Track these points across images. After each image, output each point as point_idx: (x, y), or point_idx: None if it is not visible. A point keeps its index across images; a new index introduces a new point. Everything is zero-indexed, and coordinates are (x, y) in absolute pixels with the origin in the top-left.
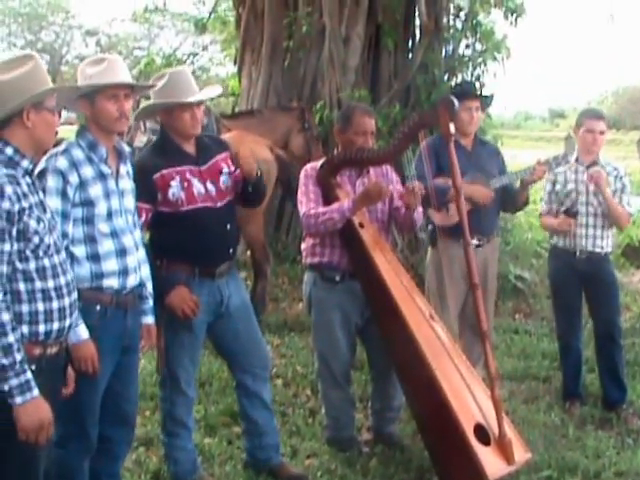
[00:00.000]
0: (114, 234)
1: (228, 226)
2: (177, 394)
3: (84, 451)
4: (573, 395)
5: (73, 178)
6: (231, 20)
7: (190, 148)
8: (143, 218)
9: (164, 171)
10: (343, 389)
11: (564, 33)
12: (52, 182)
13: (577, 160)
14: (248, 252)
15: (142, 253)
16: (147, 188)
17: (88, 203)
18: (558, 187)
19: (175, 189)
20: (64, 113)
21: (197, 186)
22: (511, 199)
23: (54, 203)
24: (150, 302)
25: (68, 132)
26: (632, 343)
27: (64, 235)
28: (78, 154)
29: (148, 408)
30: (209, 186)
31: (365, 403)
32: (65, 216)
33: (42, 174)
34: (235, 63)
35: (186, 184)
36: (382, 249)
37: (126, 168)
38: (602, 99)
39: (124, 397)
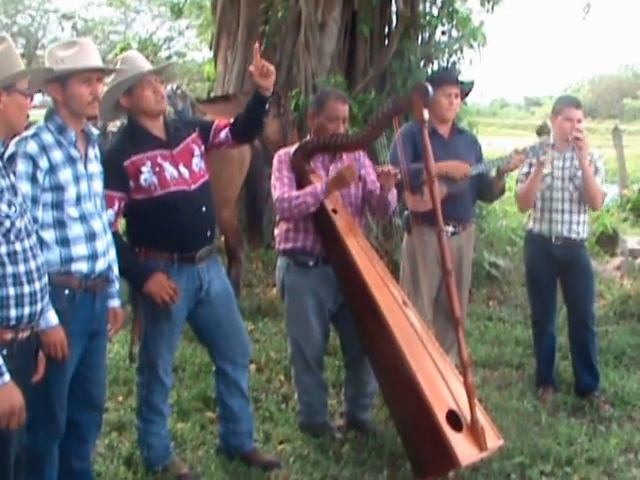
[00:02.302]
0: (83, 218)
1: (204, 208)
2: (154, 382)
3: (53, 435)
4: (546, 382)
5: (43, 163)
6: (207, 5)
7: (159, 132)
8: (116, 207)
9: (134, 157)
10: (316, 375)
11: (540, 21)
12: (22, 167)
13: (553, 146)
14: (222, 237)
15: (109, 237)
16: (118, 176)
17: (58, 188)
18: (534, 169)
19: (147, 175)
20: (39, 96)
21: (169, 170)
22: (487, 187)
23: (24, 188)
24: (116, 285)
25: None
26: (605, 331)
27: (34, 220)
28: (48, 138)
29: (121, 393)
30: (182, 169)
31: (338, 389)
32: (35, 201)
33: (11, 158)
34: (211, 48)
35: (158, 169)
36: (355, 235)
37: (94, 151)
38: (578, 87)
39: (92, 381)
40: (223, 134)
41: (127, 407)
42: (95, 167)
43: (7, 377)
